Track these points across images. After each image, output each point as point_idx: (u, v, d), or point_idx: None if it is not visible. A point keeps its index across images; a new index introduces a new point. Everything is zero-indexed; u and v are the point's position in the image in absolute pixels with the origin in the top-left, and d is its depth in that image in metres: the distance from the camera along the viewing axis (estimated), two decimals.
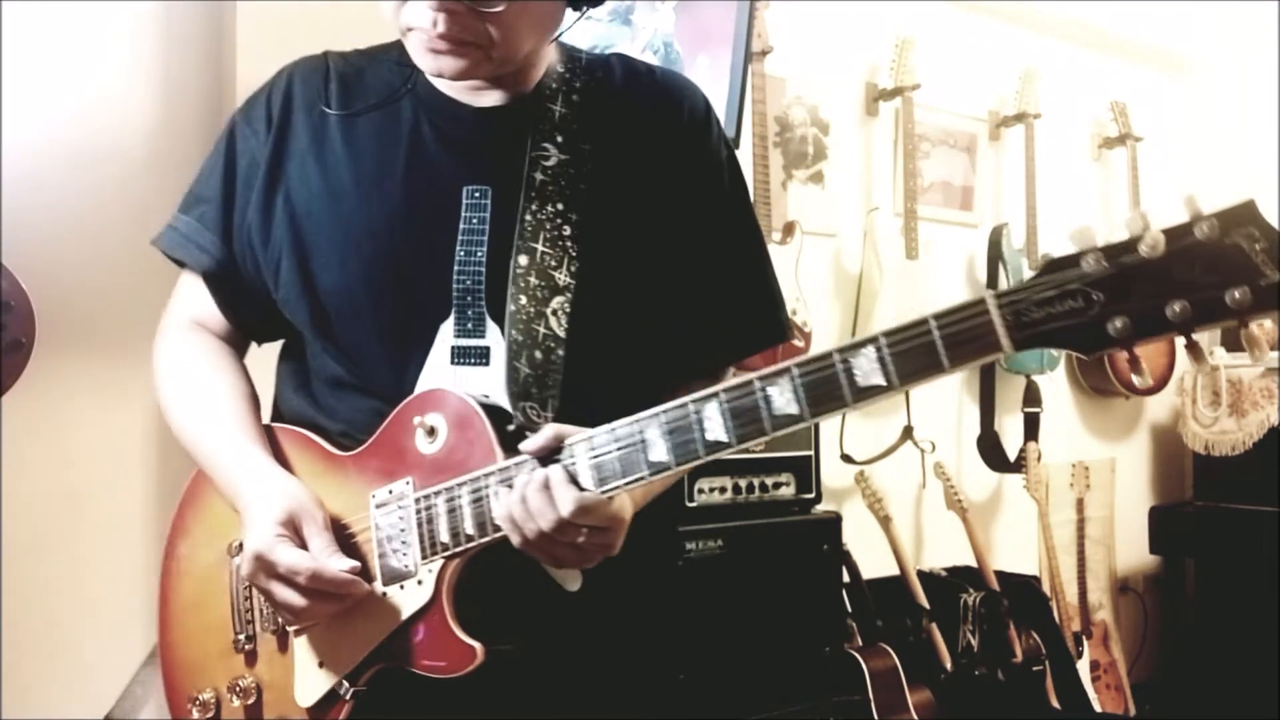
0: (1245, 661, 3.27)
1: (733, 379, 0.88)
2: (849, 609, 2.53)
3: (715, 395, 0.88)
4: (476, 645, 0.97)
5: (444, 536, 0.99)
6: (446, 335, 1.06)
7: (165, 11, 1.96)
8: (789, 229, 2.66)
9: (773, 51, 2.60)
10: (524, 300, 1.05)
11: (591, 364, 1.06)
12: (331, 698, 1.02)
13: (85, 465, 1.84)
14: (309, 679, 1.04)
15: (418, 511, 1.01)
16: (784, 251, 2.63)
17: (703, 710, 2.11)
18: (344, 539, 1.03)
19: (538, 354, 1.04)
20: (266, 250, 1.11)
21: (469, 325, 1.06)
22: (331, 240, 1.08)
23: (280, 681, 1.06)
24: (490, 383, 1.05)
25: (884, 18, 3.06)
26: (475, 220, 1.06)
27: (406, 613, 1.00)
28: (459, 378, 1.05)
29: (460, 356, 1.06)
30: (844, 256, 3.01)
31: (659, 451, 0.90)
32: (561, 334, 1.05)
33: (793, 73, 2.86)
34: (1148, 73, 3.81)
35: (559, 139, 1.09)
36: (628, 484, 0.91)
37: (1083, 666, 3.17)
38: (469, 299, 1.06)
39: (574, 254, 1.06)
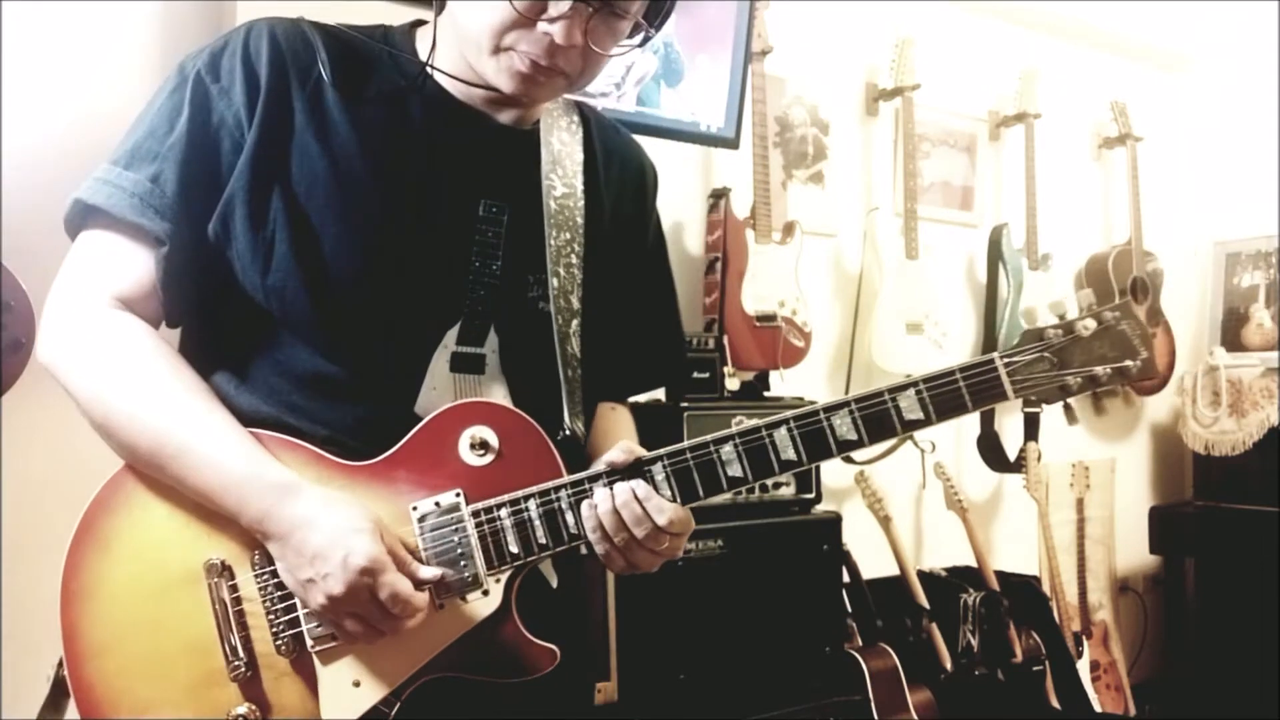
0: (1245, 661, 3.28)
1: (801, 408, 1.03)
2: (849, 609, 2.53)
3: (785, 421, 1.03)
4: (554, 648, 1.01)
5: (514, 547, 1.01)
6: (449, 341, 1.06)
7: (165, 12, 1.96)
8: (789, 229, 2.66)
9: (773, 51, 2.60)
10: (560, 321, 1.10)
11: (590, 383, 1.14)
12: (372, 715, 0.99)
13: (85, 465, 1.84)
14: (341, 700, 0.99)
15: (478, 525, 1.01)
16: (784, 251, 2.63)
17: (703, 710, 2.11)
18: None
19: (569, 372, 1.11)
20: (255, 229, 1.01)
21: (473, 334, 1.07)
22: (343, 227, 1.02)
23: (296, 707, 0.99)
24: (486, 390, 1.07)
25: (884, 18, 3.06)
26: (491, 234, 1.08)
27: (470, 623, 1.00)
28: (459, 384, 1.06)
29: (460, 363, 1.07)
30: (844, 256, 3.01)
31: (736, 468, 1.02)
32: (580, 354, 1.12)
33: (793, 73, 2.86)
34: (1148, 73, 3.81)
35: (559, 172, 1.14)
36: (709, 499, 1.02)
37: (1083, 666, 3.17)
38: (479, 308, 1.07)
39: (580, 281, 1.13)
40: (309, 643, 0.99)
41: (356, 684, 0.99)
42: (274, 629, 0.99)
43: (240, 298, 1.03)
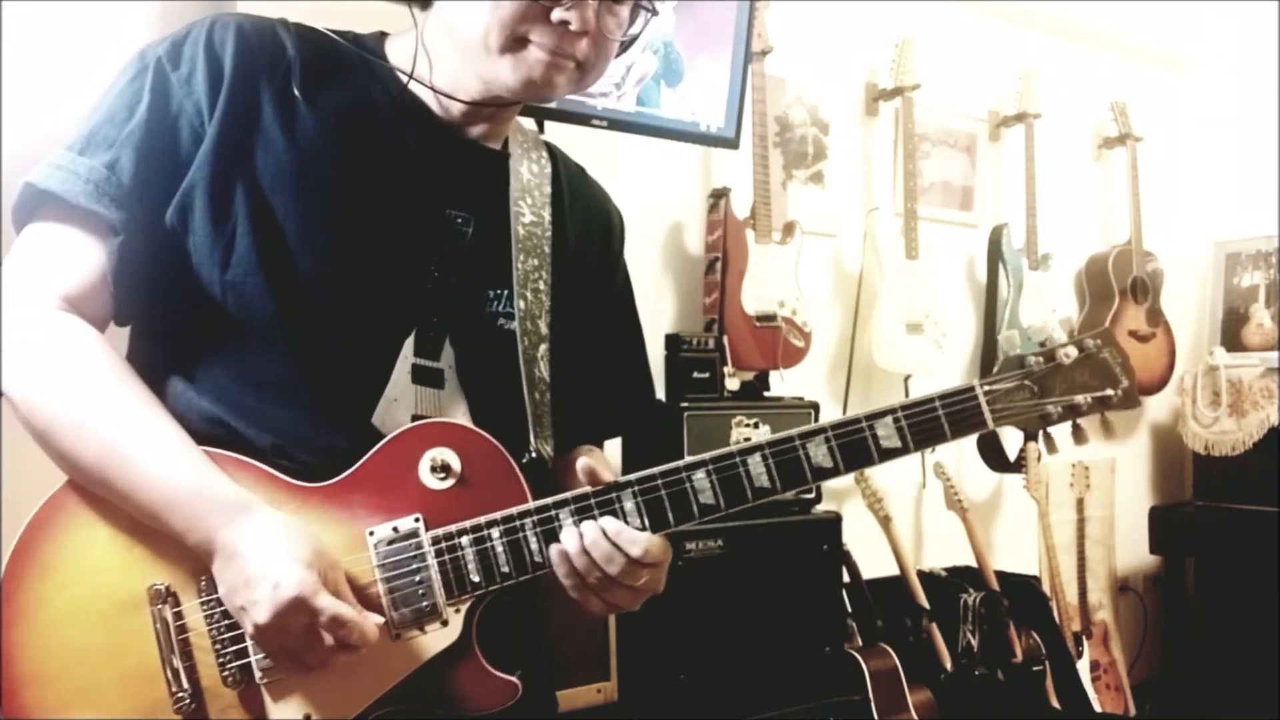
0: (1245, 661, 3.28)
1: (775, 435, 1.00)
2: (849, 609, 2.53)
3: (760, 448, 1.00)
4: (516, 680, 0.98)
5: (475, 576, 0.97)
6: (408, 352, 1.03)
7: (165, 12, 1.96)
8: (789, 229, 2.66)
9: (773, 51, 2.60)
10: (527, 343, 1.08)
11: (559, 411, 1.12)
12: None
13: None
14: None
15: (438, 552, 0.96)
16: (784, 251, 2.63)
17: (703, 710, 2.11)
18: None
19: (537, 395, 1.08)
20: (215, 222, 0.97)
21: (428, 346, 1.04)
22: (308, 226, 0.99)
23: None
24: (445, 407, 1.04)
25: (884, 18, 3.06)
26: (454, 245, 1.06)
27: (428, 654, 0.96)
28: (421, 398, 1.03)
29: (420, 376, 1.03)
30: (844, 256, 3.01)
31: (708, 495, 0.99)
32: (548, 379, 1.10)
33: (793, 73, 2.86)
34: (1148, 73, 3.81)
35: (528, 200, 1.13)
36: (680, 526, 0.99)
37: (1083, 666, 3.17)
38: (435, 320, 1.04)
39: (548, 307, 1.11)
40: (257, 674, 0.94)
41: (307, 717, 0.94)
42: (220, 659, 0.94)
43: (196, 293, 0.98)
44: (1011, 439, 3.23)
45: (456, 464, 0.98)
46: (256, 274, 0.97)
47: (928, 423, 1.00)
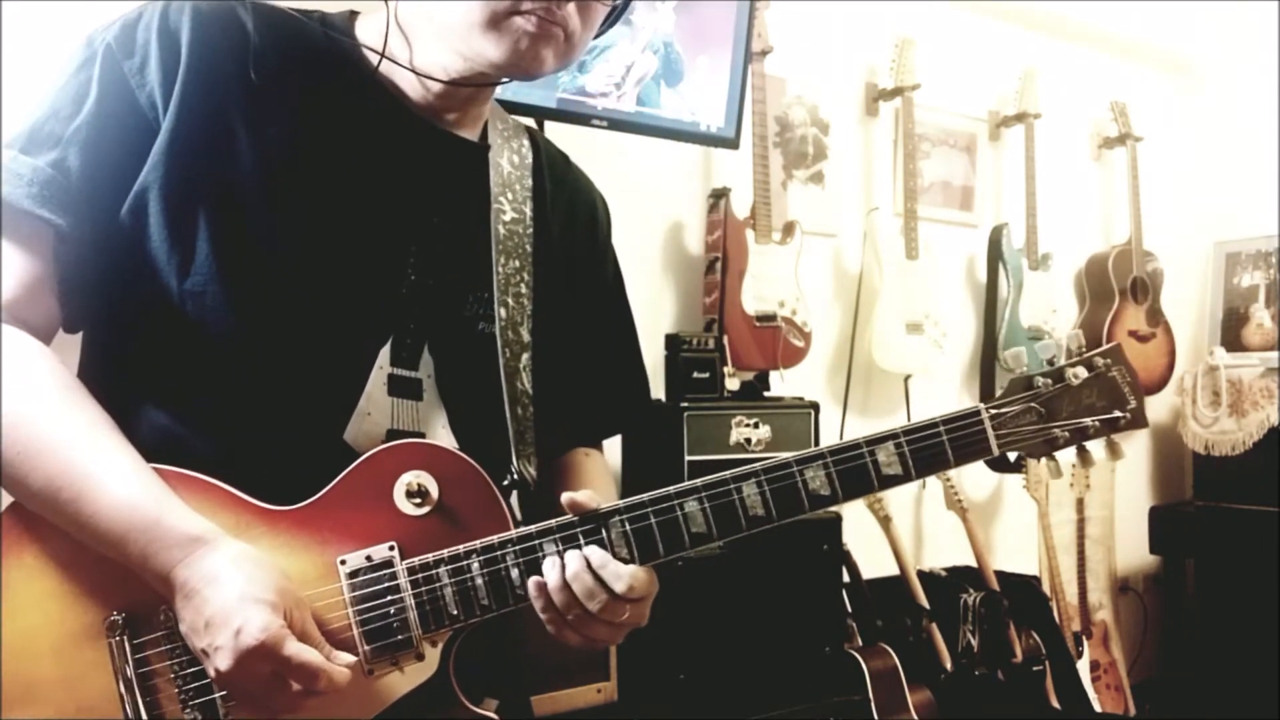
0: (1245, 661, 3.28)
1: (771, 460, 0.95)
2: (849, 609, 2.53)
3: (755, 474, 0.95)
4: (492, 716, 0.94)
5: (453, 609, 0.91)
6: (384, 361, 0.97)
7: None
8: (789, 229, 2.66)
9: (773, 51, 2.60)
10: (509, 355, 1.02)
11: (543, 423, 1.07)
12: None
13: None
14: None
15: (414, 583, 0.91)
16: (784, 251, 2.63)
17: (703, 710, 2.11)
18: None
19: (519, 410, 1.03)
20: (172, 227, 0.90)
21: (404, 354, 0.99)
22: (273, 229, 0.92)
23: None
24: (424, 419, 0.99)
25: (884, 18, 3.06)
26: (430, 248, 1.00)
27: (403, 690, 0.91)
28: (397, 411, 0.97)
29: (397, 388, 0.98)
30: (844, 256, 3.01)
31: (699, 523, 0.94)
32: (531, 391, 1.05)
33: (793, 73, 2.86)
34: (1148, 73, 3.81)
35: (509, 195, 1.07)
36: (670, 557, 0.94)
37: (1083, 666, 3.17)
38: (412, 326, 0.99)
39: (529, 312, 1.06)
40: (220, 711, 0.88)
41: None
42: (182, 695, 0.88)
43: (152, 299, 0.91)
44: None
45: (434, 489, 0.92)
46: (217, 282, 0.90)
47: (930, 449, 0.96)
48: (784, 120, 2.87)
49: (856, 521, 2.67)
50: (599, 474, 1.19)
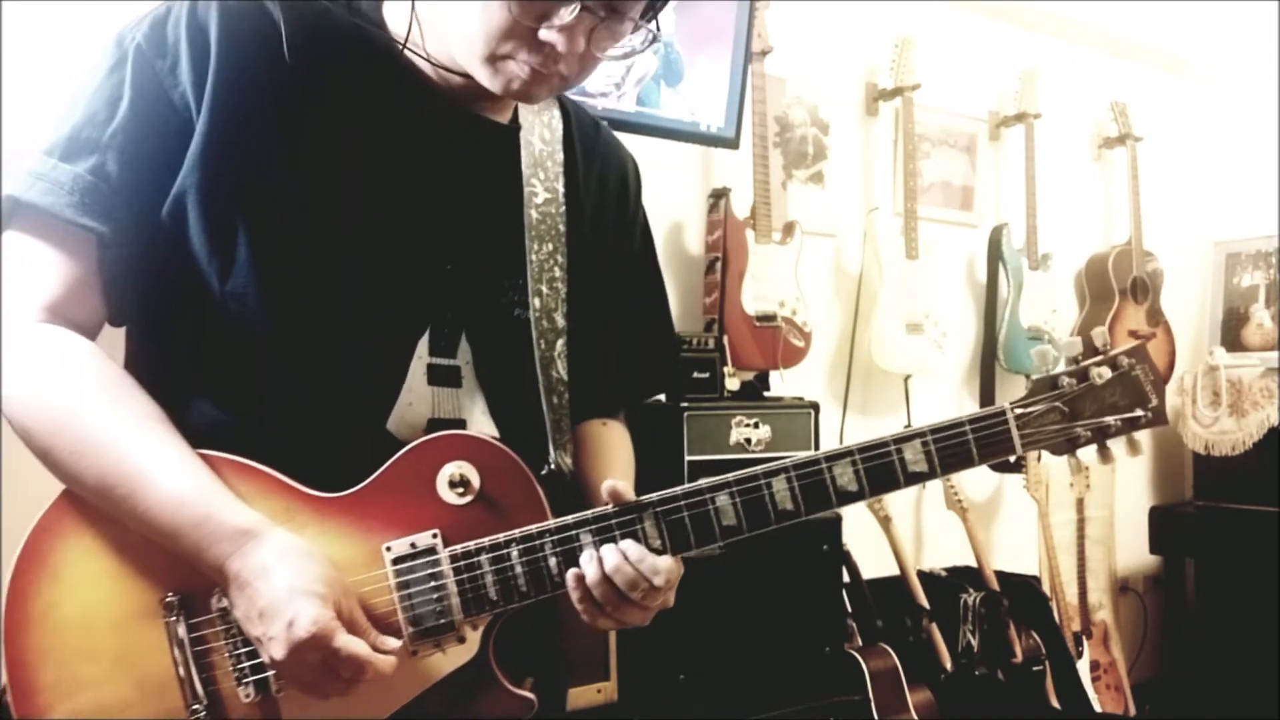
0: (1245, 661, 3.28)
1: (800, 456, 0.97)
2: (849, 609, 2.53)
3: (785, 470, 0.97)
4: (532, 696, 0.97)
5: (493, 595, 0.95)
6: (422, 352, 1.00)
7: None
8: (789, 229, 2.66)
9: (773, 51, 2.60)
10: (544, 345, 1.04)
11: (578, 408, 1.09)
12: None
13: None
14: None
15: (456, 569, 0.94)
16: (784, 251, 2.63)
17: (703, 710, 2.11)
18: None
19: (554, 399, 1.05)
20: (211, 231, 0.91)
21: (443, 343, 1.00)
22: (310, 227, 0.93)
23: None
24: (464, 406, 1.01)
25: (884, 18, 3.06)
26: (465, 237, 1.02)
27: (444, 671, 0.95)
28: (438, 399, 1.00)
29: (436, 377, 1.00)
30: (844, 256, 3.01)
31: (730, 516, 0.97)
32: (566, 378, 1.07)
33: (793, 73, 2.86)
34: (1148, 73, 3.81)
35: (541, 175, 1.08)
36: (701, 548, 0.97)
37: (1083, 666, 3.17)
38: (449, 315, 1.01)
39: (563, 296, 1.07)
40: (273, 688, 0.92)
41: None
42: (236, 671, 0.92)
43: (195, 301, 0.93)
44: None
45: (476, 479, 0.95)
46: (256, 285, 0.92)
47: (956, 447, 0.98)
48: (784, 120, 2.87)
49: (856, 521, 2.67)
50: (619, 445, 1.20)
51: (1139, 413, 1.00)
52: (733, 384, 2.48)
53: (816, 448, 2.43)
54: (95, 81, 0.93)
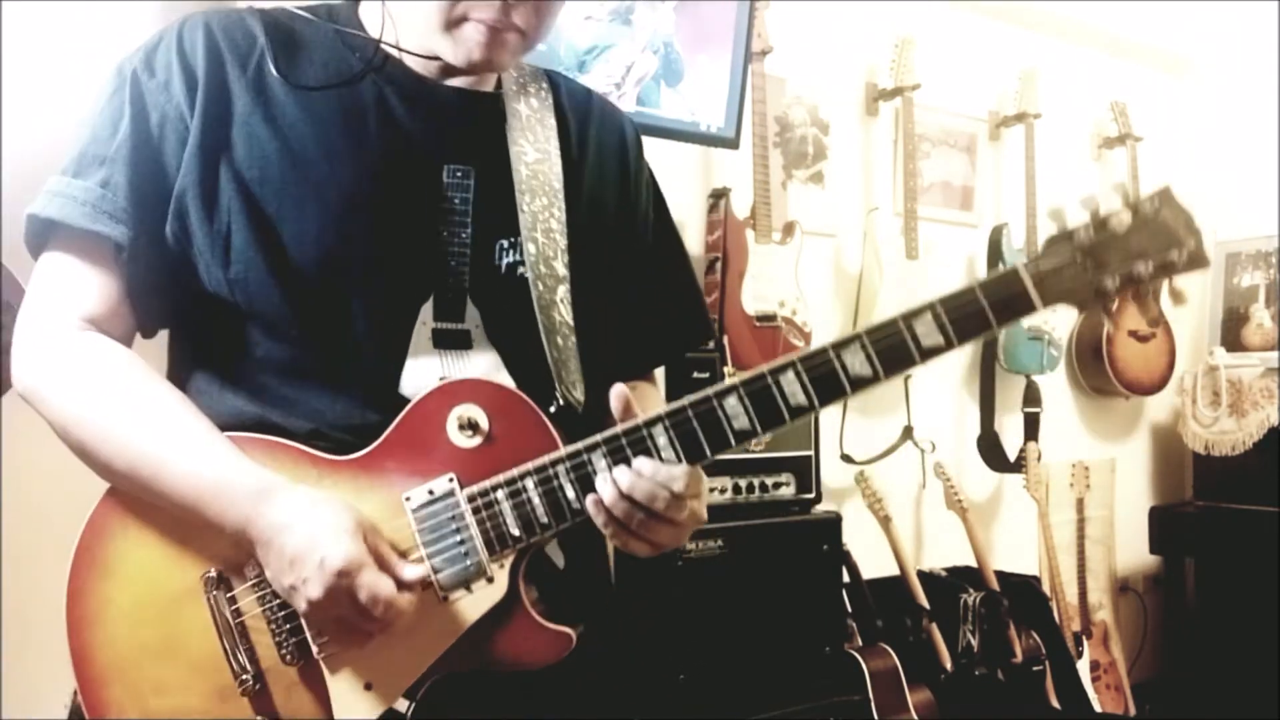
0: (1245, 661, 3.28)
1: (807, 350, 0.94)
2: (849, 609, 2.53)
3: (792, 364, 0.94)
4: (569, 630, 0.96)
5: (514, 530, 0.95)
6: (426, 318, 1.02)
7: (165, 12, 1.96)
8: (789, 229, 2.66)
9: (773, 51, 2.60)
10: (541, 288, 1.05)
11: (591, 352, 1.09)
12: (386, 717, 0.95)
13: (86, 467, 1.84)
14: (354, 704, 0.95)
15: (475, 509, 0.95)
16: (784, 251, 2.63)
17: (703, 710, 2.11)
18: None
19: (559, 339, 1.06)
20: (210, 222, 0.98)
21: (448, 308, 1.02)
22: (301, 210, 0.98)
23: (308, 714, 0.96)
24: (474, 368, 1.03)
25: (884, 18, 3.06)
26: (458, 200, 1.04)
27: (478, 614, 0.95)
28: (445, 363, 1.01)
29: (443, 341, 1.02)
30: (844, 256, 3.01)
31: (742, 420, 0.94)
32: (571, 321, 1.07)
33: (793, 73, 2.86)
34: (1148, 73, 3.81)
35: (530, 137, 1.10)
36: (716, 455, 0.94)
37: (1083, 666, 3.17)
38: (451, 280, 1.03)
39: (563, 246, 1.08)
40: (314, 649, 0.95)
41: (368, 686, 0.95)
42: (277, 638, 0.96)
43: (208, 296, 0.99)
44: (1012, 438, 3.23)
45: (483, 419, 0.97)
46: (256, 267, 0.97)
47: (970, 313, 0.93)
48: (784, 120, 2.87)
49: (856, 521, 2.68)
50: (647, 401, 1.19)
51: (1173, 254, 0.92)
52: None
53: (816, 448, 2.43)
54: (100, 107, 1.02)
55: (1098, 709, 3.13)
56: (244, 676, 0.95)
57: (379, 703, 0.95)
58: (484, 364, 1.03)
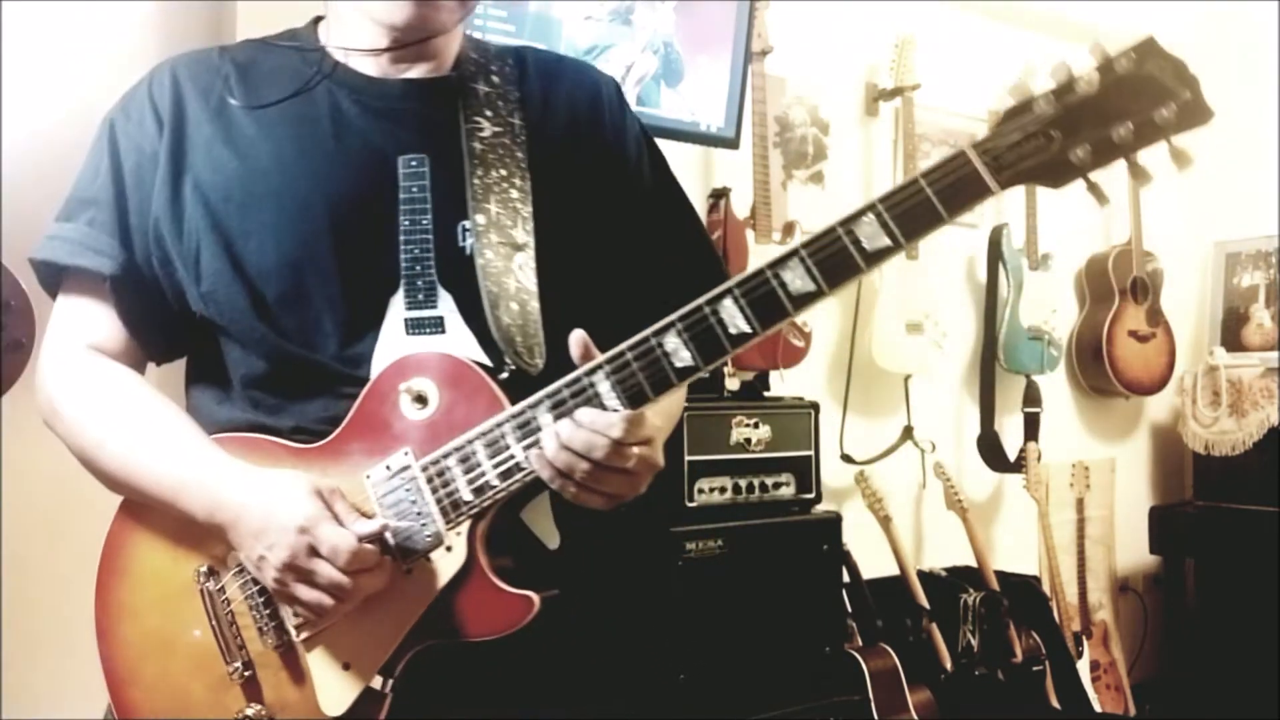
0: (1245, 661, 3.28)
1: (742, 274, 0.90)
2: (849, 609, 2.53)
3: (729, 291, 0.90)
4: (532, 595, 0.95)
5: (466, 495, 0.96)
6: (398, 308, 1.03)
7: (165, 11, 1.96)
8: (789, 229, 2.66)
9: (773, 51, 2.60)
10: (490, 255, 1.05)
11: (564, 317, 1.05)
12: (368, 698, 0.97)
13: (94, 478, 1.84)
14: (335, 685, 0.98)
15: (429, 479, 0.97)
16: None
17: (703, 710, 2.11)
18: None
19: (514, 305, 1.05)
20: (181, 243, 1.04)
21: (420, 295, 1.04)
22: (261, 221, 1.03)
23: (297, 700, 0.99)
24: (450, 350, 1.03)
25: (884, 18, 3.06)
26: (415, 189, 1.05)
27: (441, 584, 0.96)
28: (418, 349, 1.02)
29: (415, 328, 1.03)
30: None
31: (684, 357, 0.91)
32: (532, 287, 1.07)
33: (793, 73, 2.86)
34: None
35: (488, 113, 1.11)
36: (659, 397, 0.92)
37: (1083, 666, 3.17)
38: (418, 268, 1.04)
39: (526, 215, 1.08)
40: (291, 631, 0.99)
41: (347, 666, 0.98)
42: (258, 624, 1.00)
43: (194, 317, 1.07)
44: (1012, 438, 3.23)
45: (432, 390, 0.98)
46: (225, 280, 1.03)
47: (915, 206, 0.86)
48: (784, 120, 2.87)
49: (856, 521, 2.68)
50: None
51: (1160, 113, 0.80)
52: (732, 384, 2.48)
53: (816, 448, 2.43)
54: (87, 156, 1.11)
55: (1098, 709, 3.13)
56: (235, 664, 1.00)
57: (358, 680, 0.97)
58: (458, 346, 1.03)
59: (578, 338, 0.94)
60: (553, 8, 2.16)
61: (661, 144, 2.50)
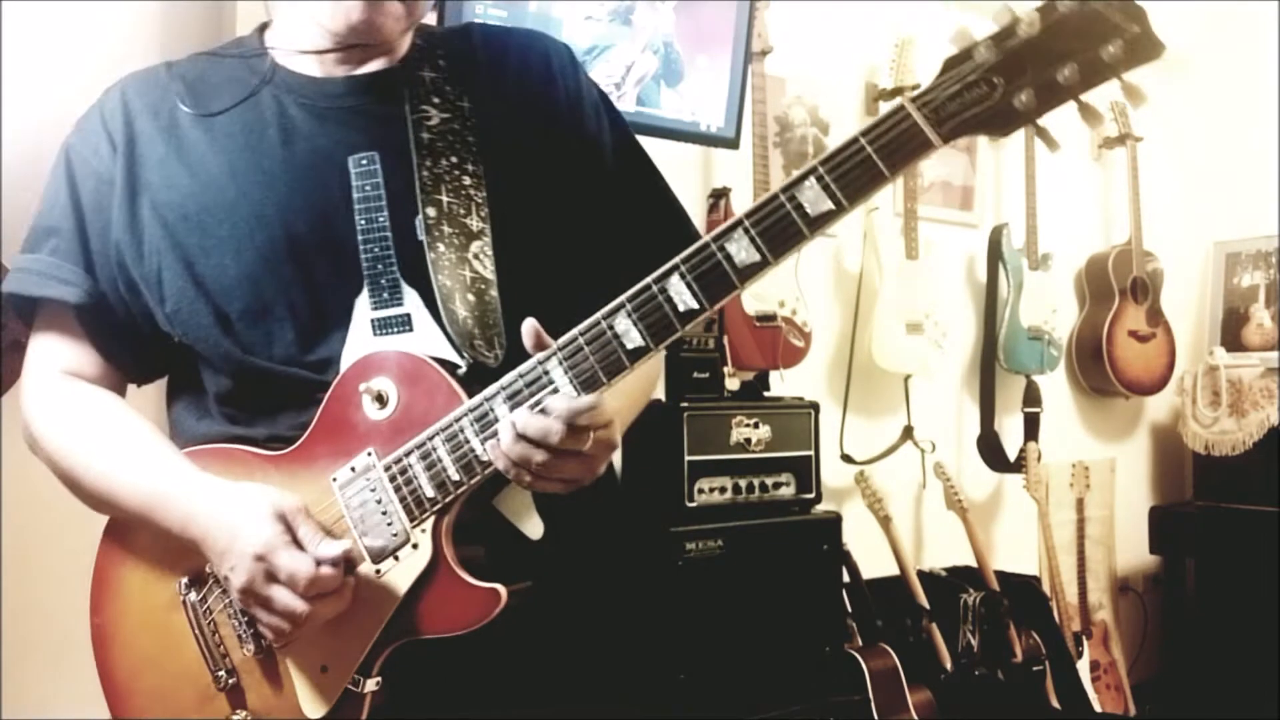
0: (1245, 661, 3.28)
1: (689, 249, 0.88)
2: (849, 609, 2.53)
3: (675, 268, 0.88)
4: (499, 587, 0.94)
5: (429, 492, 0.95)
6: (364, 309, 1.02)
7: (164, 11, 1.96)
8: None
9: (773, 51, 2.60)
10: (442, 248, 1.04)
11: (527, 301, 1.03)
12: (348, 700, 0.97)
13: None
14: (315, 689, 0.98)
15: (391, 478, 0.97)
16: None
17: (703, 710, 2.11)
18: None
19: (470, 296, 1.04)
20: (143, 264, 1.05)
21: (385, 295, 1.03)
22: (218, 236, 1.03)
23: (280, 705, 1.00)
24: (418, 347, 1.02)
25: (884, 18, 3.06)
26: (369, 187, 1.04)
27: (409, 582, 0.96)
28: (385, 349, 1.01)
29: (383, 328, 1.02)
30: (844, 256, 3.01)
31: (635, 338, 0.90)
32: (489, 275, 1.06)
33: (793, 73, 2.86)
34: (1147, 73, 3.80)
35: (435, 100, 1.10)
36: (613, 381, 0.91)
37: (1083, 666, 3.17)
38: (380, 267, 1.03)
39: (479, 201, 1.07)
40: (266, 635, 0.99)
41: (324, 668, 0.98)
42: (238, 633, 1.01)
43: (165, 337, 1.07)
44: (1012, 438, 3.23)
45: (391, 389, 0.98)
46: (188, 298, 1.03)
47: (857, 166, 0.84)
48: (784, 120, 2.87)
49: (856, 521, 2.68)
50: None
51: (1106, 50, 0.77)
52: (732, 384, 2.48)
53: (816, 448, 2.43)
54: (48, 184, 1.11)
55: (1098, 709, 3.13)
56: (218, 673, 1.02)
57: (337, 682, 0.98)
58: (426, 342, 1.02)
59: (529, 327, 0.92)
60: (553, 7, 2.16)
61: (661, 144, 2.51)
